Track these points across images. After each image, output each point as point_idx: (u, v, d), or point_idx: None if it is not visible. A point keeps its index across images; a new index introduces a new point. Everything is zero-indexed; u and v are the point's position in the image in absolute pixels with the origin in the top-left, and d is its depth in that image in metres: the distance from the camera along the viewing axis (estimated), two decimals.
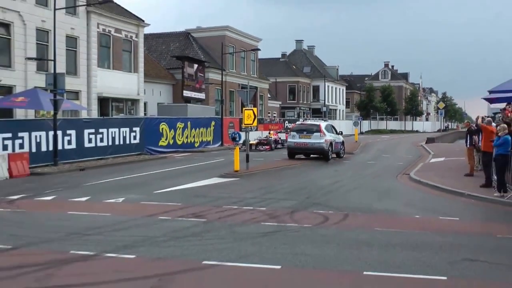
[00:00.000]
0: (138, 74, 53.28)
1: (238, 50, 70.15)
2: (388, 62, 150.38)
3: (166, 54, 67.36)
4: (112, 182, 25.42)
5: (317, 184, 24.79)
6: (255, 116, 30.99)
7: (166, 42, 69.84)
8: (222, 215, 16.48)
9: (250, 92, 33.83)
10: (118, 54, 50.73)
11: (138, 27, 53.46)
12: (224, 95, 62.19)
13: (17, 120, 36.13)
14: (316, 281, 9.98)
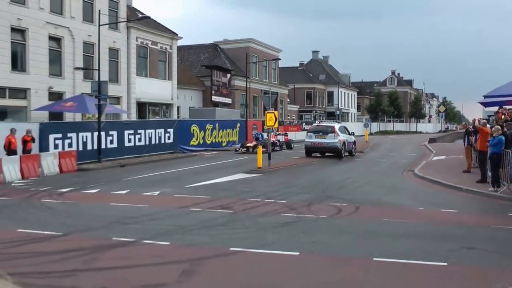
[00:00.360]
0: (172, 81, 53.46)
1: (261, 59, 70.06)
2: (394, 70, 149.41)
3: (197, 63, 67.45)
4: (149, 177, 25.54)
5: (331, 179, 24.75)
6: (276, 119, 31.01)
7: (197, 52, 69.93)
8: (246, 207, 16.53)
9: (272, 97, 33.86)
10: (155, 63, 50.94)
11: (172, 40, 53.64)
12: (248, 100, 62.06)
13: (66, 122, 36.40)
14: (331, 265, 10.01)
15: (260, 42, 72.61)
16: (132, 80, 47.02)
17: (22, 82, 36.50)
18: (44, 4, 38.06)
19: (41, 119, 34.71)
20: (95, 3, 42.33)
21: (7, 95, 35.92)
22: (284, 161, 34.04)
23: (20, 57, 37.03)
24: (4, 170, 24.19)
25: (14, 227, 13.44)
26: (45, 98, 38.02)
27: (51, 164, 27.30)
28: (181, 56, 64.95)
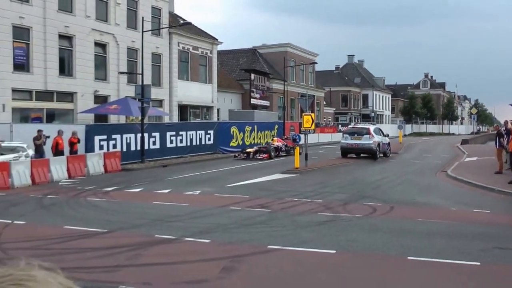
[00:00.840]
0: (212, 84, 53.65)
1: (298, 63, 69.93)
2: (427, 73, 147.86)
3: (236, 67, 67.57)
4: (190, 177, 25.65)
5: (366, 179, 24.56)
6: (313, 121, 30.89)
7: (236, 57, 70.07)
8: (284, 206, 16.49)
9: (309, 100, 33.74)
10: (195, 67, 51.19)
11: (212, 45, 53.84)
12: (285, 102, 62.00)
13: (111, 124, 36.81)
14: (366, 264, 9.93)
15: (297, 47, 72.50)
16: (174, 84, 47.31)
17: (69, 86, 37.01)
18: (90, 12, 38.57)
19: (87, 121, 35.18)
20: (139, 10, 42.73)
21: (55, 99, 36.45)
22: (321, 162, 33.90)
23: (67, 62, 37.55)
24: (51, 170, 24.53)
25: (62, 223, 13.63)
26: (91, 101, 38.50)
27: (96, 164, 27.60)
28: (221, 60, 65.13)
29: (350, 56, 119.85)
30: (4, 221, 14.04)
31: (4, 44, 32.66)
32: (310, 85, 76.37)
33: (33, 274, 0.89)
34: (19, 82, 33.59)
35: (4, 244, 11.49)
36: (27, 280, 0.87)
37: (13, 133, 28.76)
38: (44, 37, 35.02)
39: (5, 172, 21.96)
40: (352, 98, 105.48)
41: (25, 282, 0.86)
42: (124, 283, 8.48)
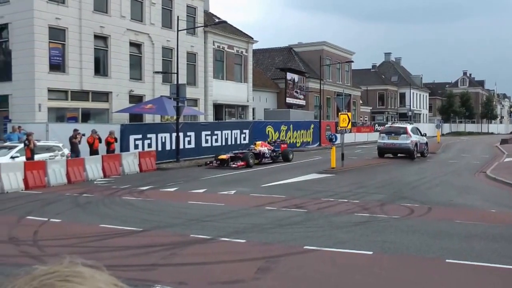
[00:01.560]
0: (247, 83, 53.76)
1: (334, 62, 69.72)
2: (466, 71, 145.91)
3: (271, 66, 67.60)
4: (225, 177, 25.71)
5: (403, 180, 24.34)
6: (349, 120, 30.72)
7: (272, 56, 70.09)
8: (320, 206, 16.43)
9: (345, 99, 33.58)
10: (231, 66, 51.35)
11: (248, 44, 53.95)
12: (321, 102, 61.94)
13: (146, 123, 37.13)
14: (404, 265, 9.84)
15: (333, 45, 72.26)
16: (209, 83, 47.52)
17: (105, 86, 37.45)
18: (125, 12, 38.97)
19: (122, 120, 35.55)
20: (174, 9, 43.01)
21: (90, 99, 36.92)
22: (357, 162, 33.71)
23: (102, 62, 38.01)
24: (87, 169, 24.84)
25: (97, 222, 13.79)
26: (126, 101, 38.88)
27: (131, 163, 27.85)
28: (256, 59, 65.23)
29: (387, 54, 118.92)
30: (41, 219, 14.27)
31: (41, 45, 33.22)
32: (346, 84, 76.02)
33: (79, 271, 0.91)
34: (55, 82, 34.12)
35: (41, 242, 11.68)
36: (74, 276, 0.89)
37: (49, 133, 29.32)
38: (79, 38, 35.52)
39: (42, 171, 22.32)
40: (389, 96, 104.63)
41: (72, 278, 0.88)
42: (160, 282, 8.54)
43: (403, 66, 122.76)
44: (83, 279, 0.88)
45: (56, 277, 0.88)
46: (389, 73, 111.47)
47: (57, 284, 0.87)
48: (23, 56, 33.27)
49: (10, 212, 15.94)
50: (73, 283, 0.87)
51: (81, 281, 0.88)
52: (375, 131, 64.30)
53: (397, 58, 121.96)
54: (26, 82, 33.11)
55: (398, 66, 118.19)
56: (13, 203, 17.55)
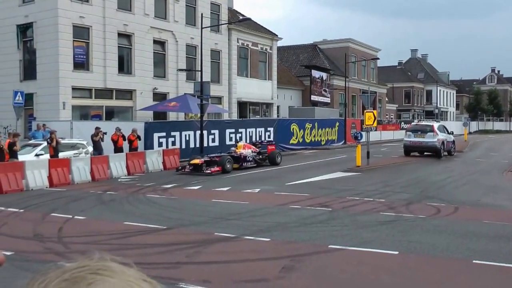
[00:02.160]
0: (272, 81, 53.79)
1: (359, 59, 69.38)
2: (494, 68, 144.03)
3: (296, 63, 67.53)
4: (249, 175, 25.73)
5: (430, 179, 24.16)
6: (375, 118, 30.59)
7: (296, 53, 70.01)
8: (345, 205, 16.39)
9: (370, 96, 33.53)
10: (255, 64, 51.40)
11: (272, 41, 53.96)
12: (347, 99, 61.65)
13: (170, 121, 37.28)
14: (430, 266, 9.77)
15: (358, 42, 71.96)
16: (233, 81, 47.64)
17: (128, 84, 37.72)
18: (149, 10, 39.20)
19: (146, 118, 35.79)
20: (198, 7, 43.16)
21: (114, 96, 37.24)
22: (383, 160, 33.53)
23: (126, 60, 38.30)
24: (111, 166, 25.05)
25: (121, 219, 13.91)
26: (150, 98, 39.14)
27: (155, 161, 28.01)
28: (281, 57, 65.20)
29: (413, 50, 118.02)
30: (65, 216, 14.44)
31: (65, 43, 33.59)
32: (372, 81, 75.67)
33: (109, 265, 0.94)
34: (79, 80, 34.47)
35: (65, 239, 11.82)
36: (104, 270, 0.92)
37: (73, 130, 29.60)
38: (103, 36, 35.82)
39: (66, 168, 22.56)
40: (415, 94, 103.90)
41: (102, 272, 0.91)
42: (184, 280, 8.59)
43: (430, 63, 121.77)
44: (113, 273, 0.92)
45: (86, 270, 0.91)
46: (416, 70, 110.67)
47: (88, 276, 0.89)
48: (48, 54, 33.68)
49: (35, 209, 16.15)
50: (103, 276, 0.90)
51: (111, 274, 0.91)
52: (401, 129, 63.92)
53: (423, 55, 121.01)
54: (50, 81, 33.51)
55: (425, 63, 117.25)
56: (37, 200, 17.76)
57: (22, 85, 33.72)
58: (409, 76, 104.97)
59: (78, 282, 0.89)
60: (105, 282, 0.89)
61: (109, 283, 0.89)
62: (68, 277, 0.90)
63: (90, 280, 0.89)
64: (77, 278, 0.90)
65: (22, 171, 20.81)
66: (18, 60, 36.31)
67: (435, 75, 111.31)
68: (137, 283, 0.92)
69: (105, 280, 0.89)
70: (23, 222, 13.86)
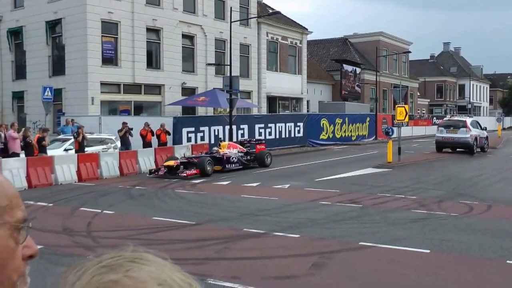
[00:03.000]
0: (301, 75, 53.67)
1: (390, 53, 68.85)
2: None
3: (326, 57, 67.31)
4: (279, 170, 25.70)
5: (462, 176, 23.88)
6: (407, 113, 30.37)
7: (326, 47, 69.78)
8: (376, 202, 16.31)
9: (402, 91, 33.27)
10: (284, 58, 51.33)
11: (302, 35, 53.83)
12: (378, 94, 61.23)
13: (199, 116, 37.47)
14: (462, 266, 9.68)
15: (390, 35, 71.47)
16: (263, 75, 47.63)
17: (157, 79, 37.93)
18: (177, 5, 39.34)
19: (175, 113, 35.96)
20: (227, 1, 43.17)
21: (143, 91, 37.48)
22: (414, 156, 33.28)
23: (155, 55, 38.52)
24: (139, 161, 25.22)
25: (150, 215, 14.01)
26: (178, 93, 39.30)
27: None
28: (311, 51, 64.99)
29: (445, 44, 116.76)
30: (94, 211, 14.60)
31: (94, 39, 33.89)
32: (403, 75, 75.10)
33: (145, 255, 0.98)
34: (108, 75, 34.78)
35: (94, 233, 11.95)
36: (139, 259, 0.96)
37: (101, 125, 29.88)
38: (132, 31, 36.06)
39: (94, 163, 22.79)
40: (447, 88, 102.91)
41: (139, 260, 0.96)
42: (212, 276, 8.62)
43: (463, 56, 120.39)
44: (149, 262, 0.96)
45: (123, 259, 0.96)
46: (448, 64, 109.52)
47: (125, 264, 0.94)
48: (76, 50, 34.04)
49: (64, 204, 16.35)
50: (140, 264, 0.94)
51: (146, 263, 0.95)
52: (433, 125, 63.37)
53: (456, 48, 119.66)
54: (79, 76, 33.85)
55: (458, 57, 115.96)
56: (66, 195, 17.99)
57: (51, 81, 34.09)
58: (441, 70, 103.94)
59: (115, 269, 0.92)
60: (141, 270, 0.92)
61: (146, 270, 0.92)
62: (106, 264, 0.94)
63: (128, 267, 0.93)
64: (114, 266, 0.93)
65: (51, 166, 21.12)
66: (47, 56, 36.78)
67: (468, 69, 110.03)
68: (172, 273, 0.96)
69: (142, 268, 0.93)
70: (52, 216, 14.05)
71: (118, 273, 0.91)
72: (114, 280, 0.89)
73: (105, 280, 0.90)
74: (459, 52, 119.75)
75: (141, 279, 0.90)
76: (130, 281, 0.89)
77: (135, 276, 0.90)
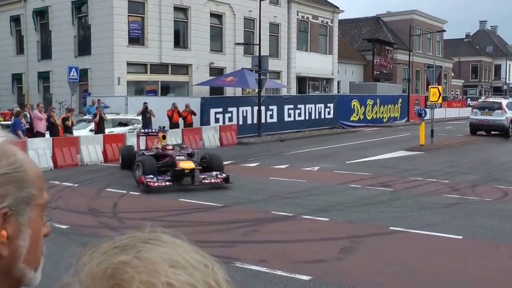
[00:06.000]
0: (332, 55, 53.34)
1: (424, 32, 68.08)
2: None
3: (358, 37, 66.76)
4: (308, 152, 25.67)
5: (497, 160, 23.58)
6: (440, 94, 30.07)
7: (358, 26, 69.21)
8: (407, 186, 16.21)
9: (436, 71, 32.95)
10: (315, 38, 51.03)
11: (333, 14, 53.44)
12: (410, 74, 60.63)
13: (227, 96, 37.48)
14: (495, 252, 9.59)
15: (424, 14, 70.62)
16: (292, 55, 47.44)
17: (184, 59, 37.97)
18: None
19: (202, 93, 36.03)
20: None
21: (170, 71, 37.58)
22: (448, 139, 32.96)
23: (182, 34, 38.55)
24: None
25: (176, 196, 14.11)
26: (206, 73, 39.33)
27: (211, 137, 28.20)
28: (342, 30, 64.48)
29: (482, 22, 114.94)
30: (120, 192, 14.74)
31: (120, 18, 33.99)
32: (437, 55, 74.22)
33: (160, 235, 0.98)
34: (134, 55, 34.90)
35: (120, 214, 12.08)
36: (154, 240, 0.96)
37: (128, 106, 30.02)
38: (159, 10, 36.07)
39: (121, 143, 22.88)
40: (483, 69, 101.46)
41: (152, 241, 0.95)
42: (240, 259, 8.66)
43: (499, 35, 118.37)
44: (163, 243, 0.95)
45: (137, 239, 0.96)
46: (484, 43, 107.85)
47: (138, 244, 0.94)
48: (102, 30, 34.18)
49: (90, 184, 16.53)
50: (153, 245, 0.94)
51: (161, 244, 0.95)
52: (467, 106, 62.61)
53: (493, 27, 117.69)
54: (105, 56, 34.02)
55: (494, 36, 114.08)
56: (92, 175, 18.16)
57: (77, 61, 34.28)
58: (476, 50, 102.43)
59: (127, 249, 0.93)
60: (153, 250, 0.92)
61: (158, 251, 0.92)
62: (118, 245, 0.95)
63: (140, 248, 0.93)
64: (127, 246, 0.94)
65: (76, 146, 21.32)
66: (73, 36, 37.04)
67: (504, 49, 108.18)
68: (187, 254, 0.95)
69: (154, 249, 0.93)
70: (78, 197, 14.21)
71: (128, 254, 0.91)
72: (123, 261, 0.89)
73: (115, 261, 0.90)
74: (496, 31, 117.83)
75: (152, 260, 0.90)
76: (140, 262, 0.89)
77: (146, 257, 0.90)
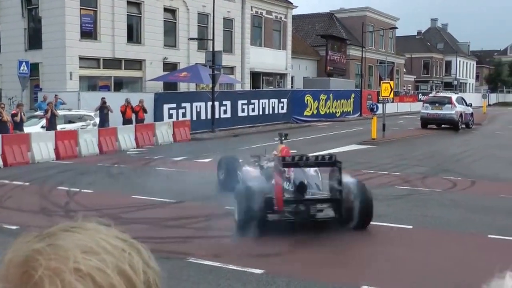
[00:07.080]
0: (286, 51, 53.51)
1: (377, 28, 68.77)
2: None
3: (312, 33, 67.07)
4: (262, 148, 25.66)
5: (447, 152, 24.08)
6: (392, 89, 30.50)
7: (312, 22, 69.48)
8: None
9: (388, 67, 33.33)
10: (269, 33, 51.10)
11: (287, 9, 53.60)
12: (363, 70, 61.20)
13: (180, 92, 37.33)
14: (444, 241, 9.84)
15: (376, 11, 71.33)
16: (246, 50, 47.42)
17: (138, 54, 37.64)
18: None
19: (156, 89, 35.77)
20: None
21: (123, 67, 37.21)
22: (399, 133, 33.46)
23: (135, 29, 38.20)
24: (119, 139, 25.05)
25: (130, 193, 13.99)
26: (160, 68, 39.07)
27: (165, 133, 28.05)
28: (296, 26, 64.65)
29: (433, 20, 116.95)
30: (72, 190, 14.53)
31: (72, 11, 33.41)
32: (389, 51, 75.10)
33: (84, 224, 0.98)
34: (87, 50, 34.39)
35: (72, 213, 11.90)
36: (77, 228, 0.96)
37: (80, 102, 29.63)
38: (112, 4, 35.61)
39: (73, 140, 22.60)
40: (434, 65, 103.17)
41: (74, 229, 0.95)
42: (193, 254, 8.67)
43: (450, 33, 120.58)
44: (84, 230, 0.95)
45: (60, 228, 0.96)
46: (435, 40, 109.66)
47: (58, 233, 0.94)
48: (54, 23, 33.52)
49: (41, 183, 16.24)
50: (73, 232, 0.94)
51: (80, 231, 0.94)
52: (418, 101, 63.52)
53: (443, 24, 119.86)
54: (56, 50, 33.41)
55: (445, 33, 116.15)
56: (44, 173, 17.86)
57: (27, 55, 33.70)
58: (428, 47, 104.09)
59: (46, 238, 0.93)
60: (69, 237, 0.92)
61: (74, 238, 0.92)
62: (40, 234, 0.95)
63: (59, 235, 0.93)
64: (47, 234, 0.94)
65: (27, 144, 20.86)
66: (23, 28, 36.29)
67: (455, 46, 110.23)
68: (106, 239, 0.94)
69: (71, 236, 0.93)
70: (29, 196, 13.97)
71: (44, 242, 0.91)
72: (36, 249, 0.89)
73: (29, 249, 0.90)
74: (446, 28, 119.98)
75: (64, 247, 0.89)
76: (51, 250, 0.88)
77: (59, 244, 0.90)
